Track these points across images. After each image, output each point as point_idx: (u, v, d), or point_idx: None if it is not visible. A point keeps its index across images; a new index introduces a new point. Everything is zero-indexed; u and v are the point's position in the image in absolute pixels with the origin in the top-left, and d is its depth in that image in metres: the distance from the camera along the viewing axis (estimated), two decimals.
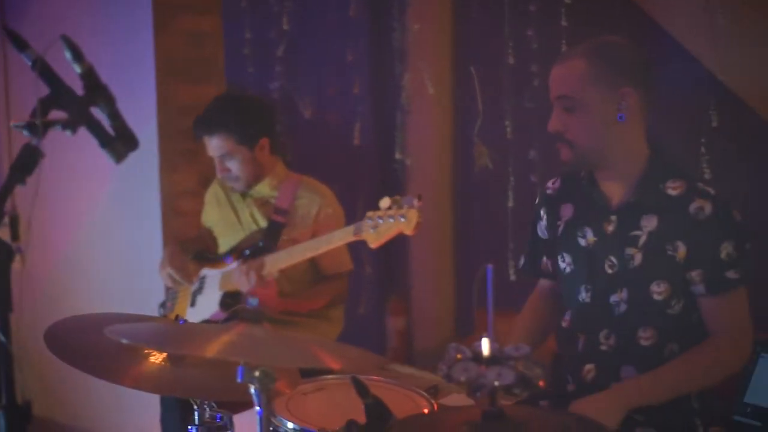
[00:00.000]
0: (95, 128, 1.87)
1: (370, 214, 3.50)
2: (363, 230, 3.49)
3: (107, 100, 1.90)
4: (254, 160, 3.99)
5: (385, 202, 3.45)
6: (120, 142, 1.90)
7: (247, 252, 3.94)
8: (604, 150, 2.69)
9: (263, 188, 4.06)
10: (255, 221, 4.09)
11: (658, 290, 2.67)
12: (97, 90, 1.88)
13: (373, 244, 3.51)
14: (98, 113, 1.90)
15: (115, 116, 1.90)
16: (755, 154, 4.14)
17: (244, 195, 4.11)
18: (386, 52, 5.14)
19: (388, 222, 3.41)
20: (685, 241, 2.64)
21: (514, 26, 4.46)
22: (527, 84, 4.44)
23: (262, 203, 4.08)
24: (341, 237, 3.63)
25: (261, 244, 3.96)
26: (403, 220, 3.39)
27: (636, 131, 2.72)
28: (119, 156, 1.90)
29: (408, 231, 3.41)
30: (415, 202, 3.36)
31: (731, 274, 2.64)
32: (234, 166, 3.98)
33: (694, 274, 2.66)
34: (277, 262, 3.74)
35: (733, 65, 3.94)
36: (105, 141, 1.88)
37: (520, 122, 4.52)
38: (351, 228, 3.58)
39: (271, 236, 3.99)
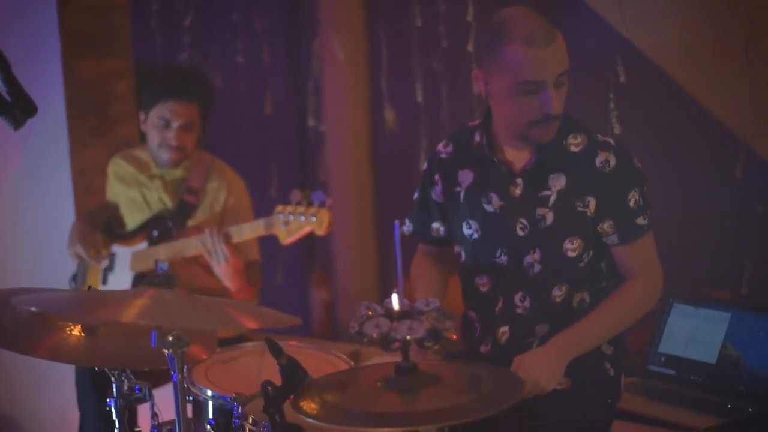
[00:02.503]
0: None
1: (280, 208, 3.50)
2: (274, 226, 3.50)
3: (1, 65, 1.86)
4: (198, 138, 3.96)
5: (295, 195, 3.45)
6: (17, 108, 1.86)
7: (156, 233, 3.91)
8: None
9: (177, 171, 4.00)
10: (164, 204, 4.01)
11: (571, 247, 2.72)
12: None
13: (284, 241, 3.53)
14: None
15: (10, 82, 1.87)
16: (661, 108, 4.21)
17: (152, 176, 4.03)
18: (296, 18, 5.11)
19: (299, 220, 3.42)
20: (595, 195, 2.69)
21: None
22: (436, 46, 4.45)
23: (174, 186, 4.01)
24: (251, 230, 3.63)
25: (170, 224, 3.92)
26: (314, 219, 3.42)
27: None
28: (17, 123, 1.86)
29: (319, 232, 3.44)
30: (327, 200, 3.37)
31: (641, 221, 2.71)
32: (189, 138, 3.92)
33: (606, 226, 2.71)
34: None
35: (637, 22, 3.99)
36: (1, 107, 1.85)
37: (430, 84, 4.53)
38: (261, 222, 3.58)
39: (181, 217, 3.95)
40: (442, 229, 2.94)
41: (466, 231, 2.84)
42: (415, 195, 3.00)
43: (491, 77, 2.67)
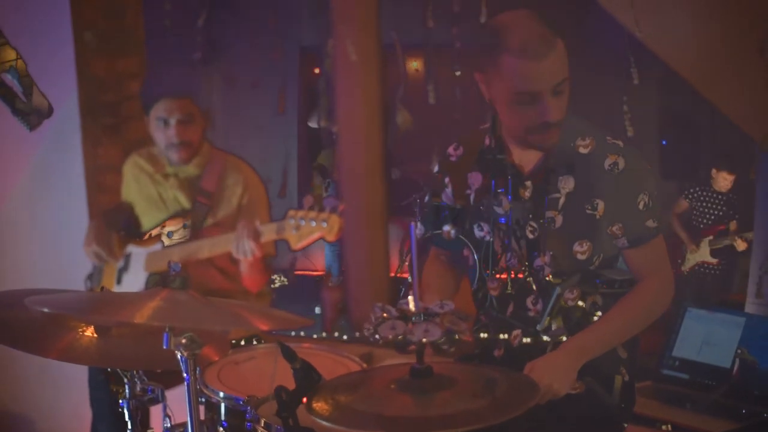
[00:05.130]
0: (6, 94, 1.84)
1: (291, 213, 3.51)
2: (285, 230, 3.50)
3: (18, 66, 1.85)
4: (203, 132, 3.95)
5: (307, 200, 3.47)
6: (33, 109, 1.86)
7: (172, 234, 3.90)
8: None
9: (190, 168, 3.99)
10: (179, 203, 4.02)
11: (581, 249, 2.70)
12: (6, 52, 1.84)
13: (295, 246, 3.53)
14: (10, 80, 1.86)
15: (27, 83, 1.87)
16: (674, 110, 4.21)
17: (166, 175, 4.02)
18: (309, 19, 5.11)
19: (309, 225, 3.44)
20: (603, 198, 2.68)
21: None
22: (449, 48, 4.44)
23: (188, 184, 4.00)
24: (263, 234, 3.63)
25: (185, 226, 3.91)
26: (324, 225, 3.42)
27: None
28: (32, 124, 1.87)
29: (329, 237, 3.45)
30: (339, 206, 3.38)
31: (650, 224, 2.70)
32: (191, 131, 3.91)
33: (615, 229, 2.70)
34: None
35: (650, 23, 3.98)
36: (17, 108, 1.85)
37: (443, 86, 4.52)
38: (274, 226, 3.59)
39: (196, 219, 3.94)
40: (453, 231, 2.92)
41: (478, 233, 2.83)
42: (426, 198, 3.00)
43: (491, 82, 2.65)
